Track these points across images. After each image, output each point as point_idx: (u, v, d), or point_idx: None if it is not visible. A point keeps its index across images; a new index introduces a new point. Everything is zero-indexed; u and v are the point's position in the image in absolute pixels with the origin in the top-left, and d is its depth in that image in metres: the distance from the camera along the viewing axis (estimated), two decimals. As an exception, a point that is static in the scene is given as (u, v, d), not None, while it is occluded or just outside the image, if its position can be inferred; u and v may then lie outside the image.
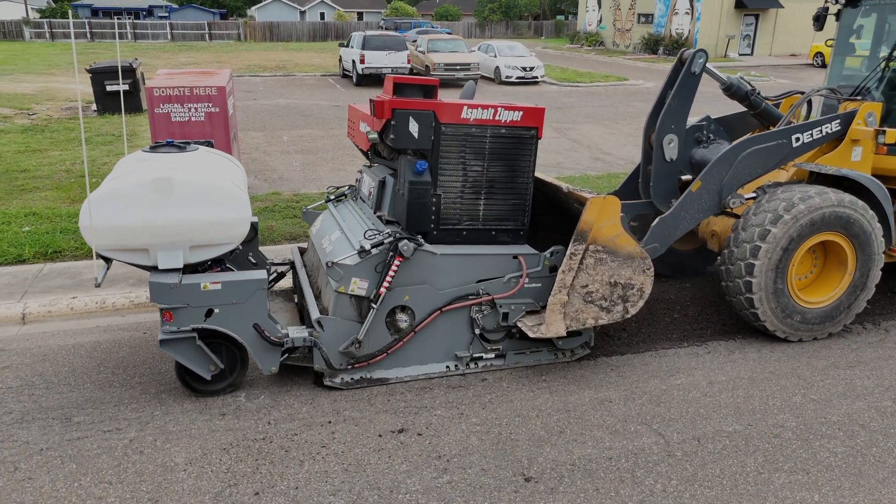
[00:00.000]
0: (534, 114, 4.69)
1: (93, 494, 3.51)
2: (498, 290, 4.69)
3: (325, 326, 4.42)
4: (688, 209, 5.26)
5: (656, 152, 5.55)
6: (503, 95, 20.70)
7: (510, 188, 4.78)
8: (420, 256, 4.49)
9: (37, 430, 4.04)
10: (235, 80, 22.29)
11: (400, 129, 4.47)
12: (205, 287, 4.12)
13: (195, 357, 4.27)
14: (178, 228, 4.06)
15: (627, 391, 4.66)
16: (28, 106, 15.12)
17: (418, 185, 4.55)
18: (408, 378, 4.64)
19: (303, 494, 3.54)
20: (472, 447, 3.97)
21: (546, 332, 4.50)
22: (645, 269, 4.66)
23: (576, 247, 4.50)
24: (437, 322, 4.63)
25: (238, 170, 4.81)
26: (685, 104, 5.47)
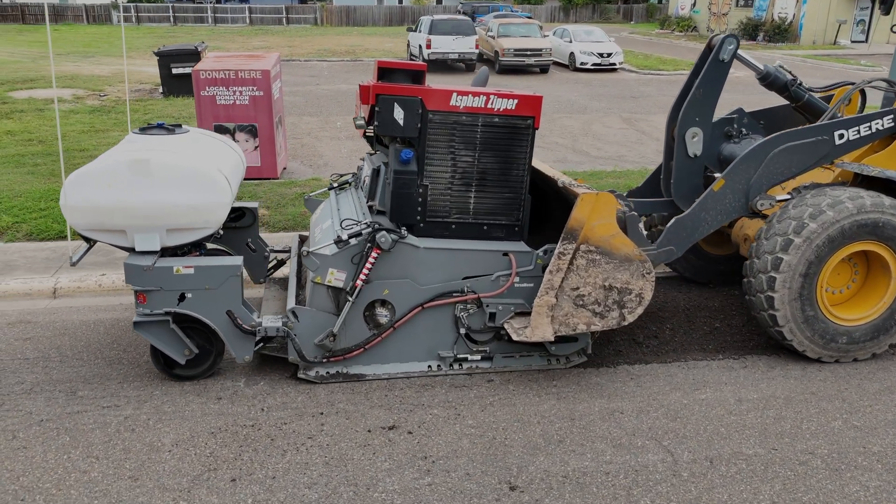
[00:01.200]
0: (530, 102, 4.55)
1: (79, 468, 3.70)
2: (485, 288, 4.58)
3: (301, 317, 4.44)
4: (709, 210, 4.98)
5: (678, 147, 5.27)
6: (574, 83, 20.30)
7: (503, 181, 4.65)
8: (401, 249, 4.44)
9: (42, 402, 4.30)
10: (303, 64, 22.91)
11: (384, 116, 4.42)
12: (177, 271, 4.23)
13: (169, 341, 4.39)
14: (155, 211, 4.19)
15: (643, 403, 4.47)
16: (101, 87, 16.08)
17: (403, 175, 4.49)
18: (385, 376, 4.61)
19: (278, 484, 3.60)
20: (462, 450, 3.92)
21: (531, 335, 4.37)
22: (644, 273, 4.44)
23: (565, 246, 4.33)
24: (418, 319, 4.57)
25: (231, 154, 4.90)
26: (712, 95, 5.17)
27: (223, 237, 5.42)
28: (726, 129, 5.56)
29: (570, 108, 15.83)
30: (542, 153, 11.46)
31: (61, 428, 4.04)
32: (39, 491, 3.52)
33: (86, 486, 3.55)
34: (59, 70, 18.49)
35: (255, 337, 4.42)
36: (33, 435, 3.97)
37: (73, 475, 3.64)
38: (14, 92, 14.95)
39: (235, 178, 4.79)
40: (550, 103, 16.29)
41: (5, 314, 5.57)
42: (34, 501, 3.44)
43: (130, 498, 3.48)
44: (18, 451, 3.83)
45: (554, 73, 22.53)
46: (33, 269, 6.29)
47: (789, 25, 32.61)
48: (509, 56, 21.85)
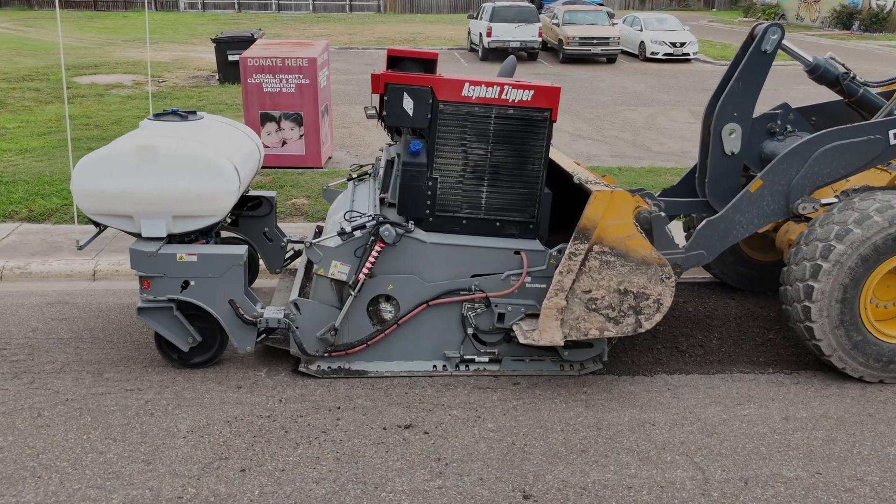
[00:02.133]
0: (547, 93, 4.44)
1: (96, 448, 3.85)
2: (494, 287, 4.51)
3: (303, 310, 4.47)
4: (744, 212, 4.76)
5: (714, 144, 5.05)
6: (643, 74, 19.82)
7: (518, 175, 4.56)
8: (407, 244, 4.42)
9: (70, 382, 4.50)
10: (360, 53, 23.20)
11: (393, 106, 4.39)
12: (181, 258, 4.34)
13: (173, 328, 4.50)
14: (161, 197, 4.31)
15: (678, 416, 4.32)
16: (160, 73, 16.72)
17: (412, 167, 4.45)
18: (388, 373, 4.60)
19: (286, 477, 3.65)
20: (478, 454, 3.89)
21: (539, 339, 4.27)
22: (663, 277, 4.27)
23: (576, 246, 4.21)
24: (424, 317, 4.54)
25: (245, 143, 4.99)
26: (752, 89, 4.93)
27: (240, 226, 5.55)
28: (769, 125, 5.30)
29: (635, 100, 15.46)
30: (599, 147, 11.25)
31: (84, 408, 4.22)
32: (56, 469, 3.68)
33: (101, 467, 3.70)
34: (123, 56, 19.32)
35: (257, 328, 4.49)
36: (57, 414, 4.16)
37: (90, 455, 3.80)
38: (78, 77, 15.70)
39: (247, 167, 4.87)
40: (614, 95, 15.97)
41: (46, 294, 5.86)
42: (50, 479, 3.61)
43: (141, 481, 3.60)
44: (42, 428, 4.02)
45: (622, 64, 22.07)
46: (76, 251, 6.59)
47: (888, 14, 30.86)
48: (574, 45, 21.51)
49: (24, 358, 4.78)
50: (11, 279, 6.17)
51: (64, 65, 8.15)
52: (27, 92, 13.63)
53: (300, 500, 3.50)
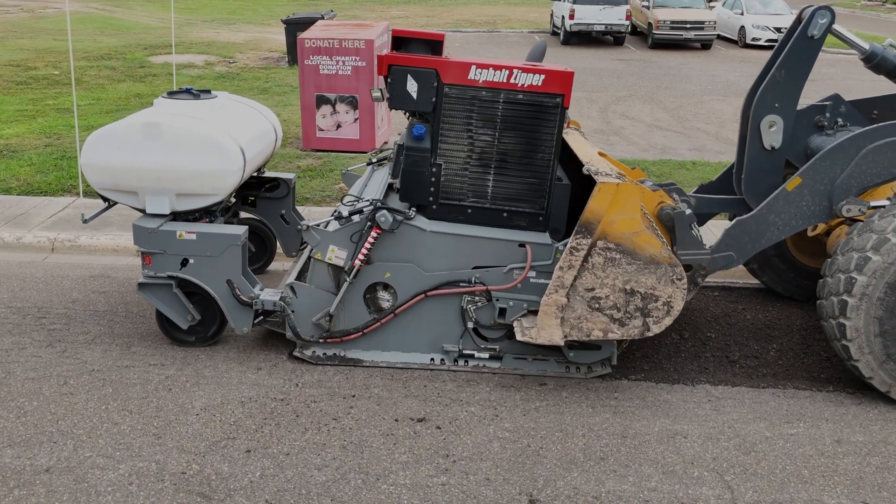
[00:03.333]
0: (559, 78, 4.35)
1: (111, 419, 4.08)
2: (496, 280, 4.46)
3: (299, 294, 4.56)
4: (780, 212, 4.53)
5: (752, 137, 4.82)
6: (740, 62, 19.07)
7: (527, 164, 4.49)
8: (406, 231, 4.43)
9: (98, 353, 4.78)
10: (436, 36, 23.32)
11: (397, 88, 4.40)
12: (180, 235, 4.53)
13: (172, 305, 4.70)
14: (164, 174, 4.51)
15: (714, 430, 4.17)
16: (232, 54, 17.39)
17: (415, 152, 4.46)
18: (384, 364, 4.63)
19: (290, 462, 3.76)
20: (489, 453, 3.88)
21: (536, 336, 4.20)
22: (674, 278, 4.11)
23: (578, 240, 4.10)
24: (422, 307, 4.55)
25: (258, 123, 5.13)
26: (797, 78, 4.67)
27: (258, 207, 5.75)
28: (817, 118, 5.02)
29: (725, 89, 14.89)
30: (677, 139, 10.92)
31: (107, 379, 4.47)
32: (72, 436, 3.93)
33: (113, 438, 3.91)
34: (199, 37, 20.18)
35: (253, 309, 4.62)
36: (82, 383, 4.43)
37: (105, 426, 4.02)
38: (153, 57, 16.53)
39: (257, 148, 5.02)
40: (703, 84, 15.44)
41: (91, 267, 6.23)
42: (65, 445, 3.85)
43: (149, 454, 3.79)
44: (65, 396, 4.29)
45: (718, 50, 21.30)
46: (124, 226, 6.95)
47: None
48: (664, 29, 20.90)
49: (60, 327, 5.10)
50: (62, 251, 6.58)
51: (135, 45, 8.56)
52: (103, 70, 14.47)
53: (299, 485, 3.60)
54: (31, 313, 5.30)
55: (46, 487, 3.55)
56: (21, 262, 6.27)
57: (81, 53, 16.45)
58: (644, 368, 4.84)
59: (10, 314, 5.28)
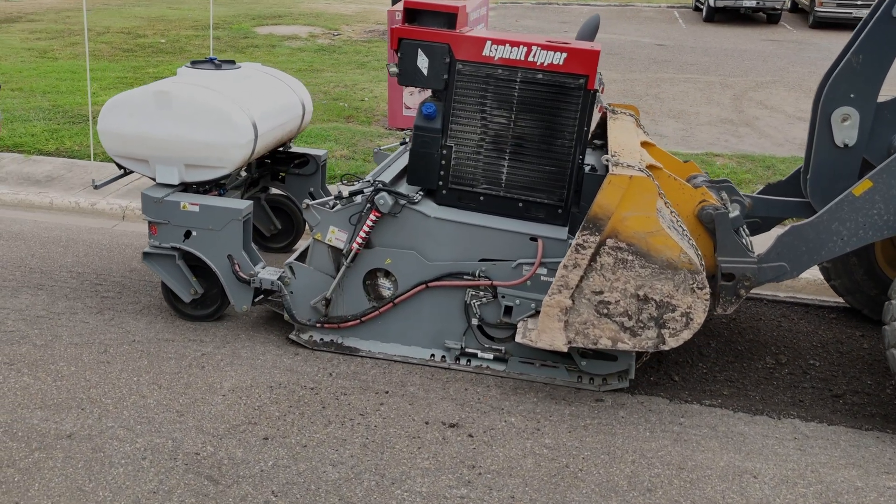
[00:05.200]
0: (583, 57, 4.18)
1: (140, 392, 4.31)
2: (502, 276, 4.37)
3: (298, 274, 4.67)
4: (845, 221, 4.19)
5: (820, 132, 4.46)
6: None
7: (545, 151, 4.37)
8: (409, 216, 4.42)
9: (143, 324, 5.07)
10: (560, 9, 23.02)
11: (408, 64, 4.38)
12: (184, 207, 4.74)
13: (176, 276, 4.93)
14: (173, 144, 4.73)
15: (793, 472, 3.86)
16: (338, 26, 17.92)
17: (425, 132, 4.44)
18: (381, 355, 4.67)
19: (304, 454, 3.82)
20: (520, 470, 3.78)
21: (536, 339, 4.07)
22: (695, 287, 3.86)
23: (585, 237, 3.90)
24: (423, 299, 4.53)
25: (284, 97, 5.29)
26: (877, 65, 4.28)
27: (286, 183, 5.92)
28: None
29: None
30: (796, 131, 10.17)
31: (145, 351, 4.73)
32: (99, 405, 4.18)
33: (137, 410, 4.14)
34: (309, 7, 20.95)
35: (252, 287, 4.77)
36: (121, 353, 4.71)
37: (133, 398, 4.26)
38: (259, 27, 17.32)
39: (275, 121, 5.17)
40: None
41: (156, 237, 6.62)
42: (91, 412, 4.11)
43: (168, 431, 3.97)
44: (102, 364, 4.58)
45: None
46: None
47: None
48: (830, 5, 19.51)
49: (113, 295, 5.45)
50: (132, 220, 7.03)
51: (238, 15, 8.98)
52: (207, 40, 15.30)
53: (310, 479, 3.66)
54: (90, 279, 5.69)
55: (65, 453, 3.80)
56: (91, 227, 6.75)
57: (191, 22, 17.49)
58: (723, 393, 4.57)
59: (69, 279, 5.70)
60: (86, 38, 9.21)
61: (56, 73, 11.82)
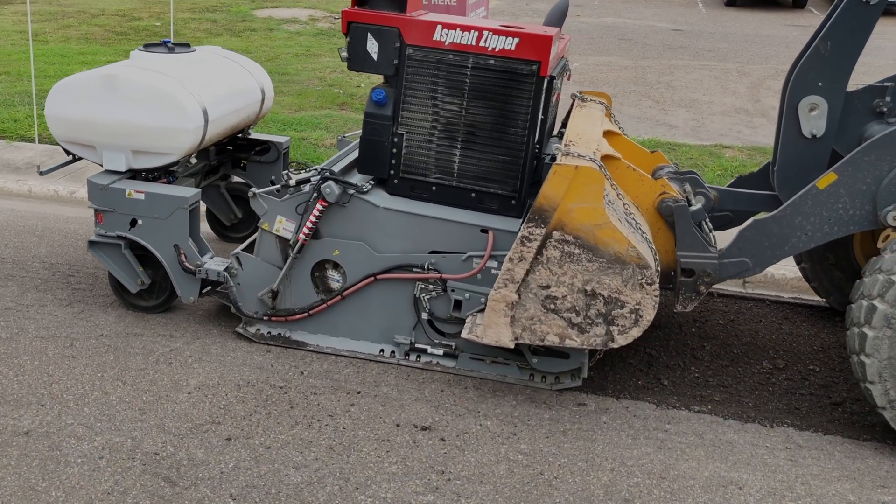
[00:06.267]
0: (535, 42, 4.18)
1: (104, 388, 4.32)
2: (452, 268, 4.40)
3: (245, 265, 4.70)
4: (809, 215, 4.18)
5: (787, 122, 4.43)
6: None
7: (498, 139, 4.40)
8: (358, 206, 4.45)
9: (112, 318, 5.07)
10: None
11: (357, 48, 4.41)
12: (129, 194, 4.78)
13: (122, 266, 4.97)
14: (119, 129, 4.75)
15: (781, 484, 3.81)
16: (338, 9, 17.89)
17: (375, 119, 4.48)
18: (329, 350, 4.70)
19: (267, 456, 3.81)
20: (492, 476, 3.75)
21: (482, 335, 4.08)
22: (644, 282, 3.85)
23: (531, 229, 3.89)
24: (372, 292, 4.55)
25: (240, 81, 5.36)
26: (846, 52, 4.25)
27: (248, 171, 5.96)
28: (875, 102, 4.54)
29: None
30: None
31: (112, 346, 4.73)
32: (60, 401, 4.19)
33: (98, 408, 4.14)
34: (313, -10, 20.94)
35: (199, 278, 4.80)
36: (87, 347, 4.72)
37: (95, 394, 4.26)
38: (258, 10, 17.33)
39: (230, 107, 5.21)
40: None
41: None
42: (51, 409, 4.12)
43: (128, 430, 3.97)
44: (67, 359, 4.59)
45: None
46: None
47: None
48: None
49: (84, 287, 5.46)
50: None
51: None
52: (203, 23, 15.34)
53: (271, 482, 3.64)
54: (62, 270, 5.71)
55: (20, 450, 3.81)
56: (69, 217, 6.78)
57: (188, 4, 17.52)
58: (714, 399, 4.52)
59: (41, 269, 5.72)
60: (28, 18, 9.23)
61: (45, 57, 11.87)
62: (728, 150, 8.69)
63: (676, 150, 8.55)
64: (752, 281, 6.12)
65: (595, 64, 13.31)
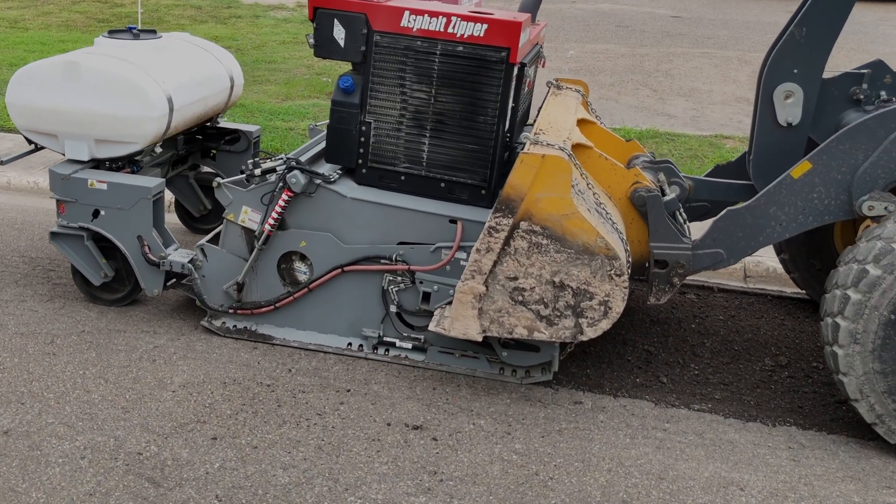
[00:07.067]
0: (504, 28, 4.20)
1: (85, 387, 4.30)
2: (420, 260, 4.44)
3: (210, 257, 4.72)
4: (783, 205, 4.21)
5: (763, 110, 4.47)
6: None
7: (468, 128, 4.44)
8: (324, 196, 4.49)
9: (94, 313, 5.05)
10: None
11: (323, 35, 4.43)
12: (91, 184, 4.78)
13: (84, 258, 4.97)
14: (81, 117, 4.76)
15: (784, 485, 3.82)
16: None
17: (342, 107, 4.50)
18: (296, 344, 4.74)
19: (254, 456, 3.80)
20: (485, 477, 3.75)
21: (449, 328, 4.09)
22: (612, 273, 3.88)
23: (498, 219, 3.92)
24: (340, 284, 4.59)
25: (208, 68, 5.37)
26: (823, 38, 4.28)
27: (217, 161, 5.99)
28: (852, 89, 4.60)
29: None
30: None
31: (94, 343, 4.71)
32: (41, 399, 4.17)
33: (80, 406, 4.12)
34: (302, -24, 20.86)
35: (163, 270, 4.82)
36: (68, 344, 4.70)
37: (76, 392, 4.24)
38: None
39: (197, 95, 5.23)
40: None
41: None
42: (31, 408, 4.10)
43: (111, 429, 3.96)
44: (48, 356, 4.57)
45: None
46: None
47: None
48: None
49: (65, 282, 5.43)
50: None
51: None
52: (188, 10, 15.27)
53: (258, 483, 3.64)
54: (42, 265, 5.68)
55: None
56: (50, 209, 6.69)
57: (174, -10, 17.43)
58: (715, 397, 4.52)
59: (21, 264, 5.69)
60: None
61: (25, 45, 11.80)
62: (728, 141, 8.70)
63: (675, 141, 8.55)
64: (753, 275, 6.13)
65: (591, 52, 13.29)
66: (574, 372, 4.67)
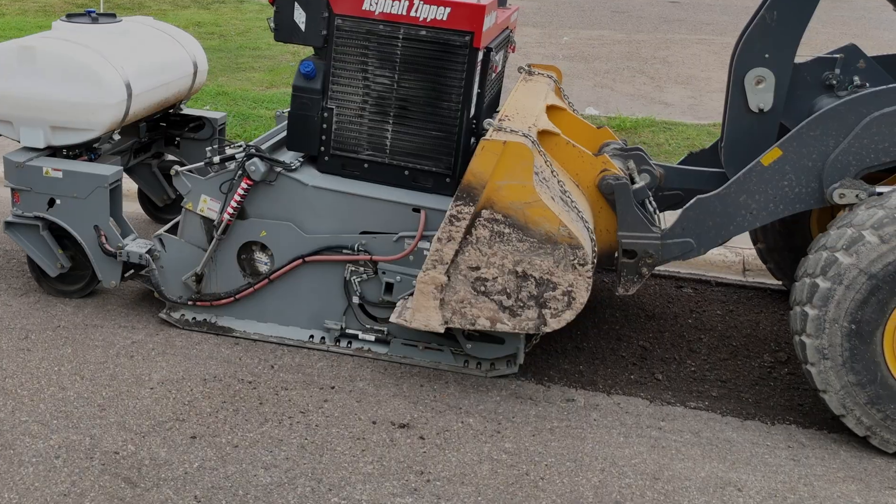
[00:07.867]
0: (468, 12, 4.21)
1: (60, 384, 4.26)
2: (383, 250, 4.45)
3: (168, 247, 4.73)
4: (753, 193, 4.21)
5: (734, 96, 4.49)
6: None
7: (431, 114, 4.45)
8: (285, 185, 4.49)
9: (71, 308, 5.02)
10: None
11: (283, 18, 4.42)
12: (47, 172, 4.77)
13: (41, 248, 4.96)
14: (36, 103, 4.76)
15: (783, 485, 3.82)
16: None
17: (303, 93, 4.50)
18: (256, 336, 4.75)
19: (235, 456, 3.78)
20: (474, 477, 3.74)
21: (410, 319, 4.08)
22: (576, 263, 3.88)
23: (459, 207, 3.92)
24: (301, 275, 4.60)
25: (170, 53, 5.36)
26: (794, 22, 4.29)
27: (181, 148, 5.99)
28: (825, 74, 4.62)
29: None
30: None
31: (70, 338, 4.68)
32: (15, 397, 4.14)
33: (55, 404, 4.09)
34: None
35: (120, 261, 4.81)
36: (43, 339, 4.66)
37: (51, 389, 4.21)
38: (231, -19, 17.18)
39: (157, 80, 5.22)
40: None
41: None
42: (4, 405, 4.06)
43: (86, 428, 3.93)
44: (22, 352, 4.54)
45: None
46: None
47: None
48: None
49: (41, 275, 5.39)
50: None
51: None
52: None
53: (238, 483, 3.62)
54: (17, 257, 5.63)
55: (-30, 450, 3.76)
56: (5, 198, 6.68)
57: (156, -26, 17.33)
58: (712, 395, 4.52)
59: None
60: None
61: (0, 31, 11.71)
62: (728, 131, 8.69)
63: (672, 130, 8.55)
64: (753, 268, 6.13)
65: (586, 38, 13.29)
66: (566, 368, 4.67)
